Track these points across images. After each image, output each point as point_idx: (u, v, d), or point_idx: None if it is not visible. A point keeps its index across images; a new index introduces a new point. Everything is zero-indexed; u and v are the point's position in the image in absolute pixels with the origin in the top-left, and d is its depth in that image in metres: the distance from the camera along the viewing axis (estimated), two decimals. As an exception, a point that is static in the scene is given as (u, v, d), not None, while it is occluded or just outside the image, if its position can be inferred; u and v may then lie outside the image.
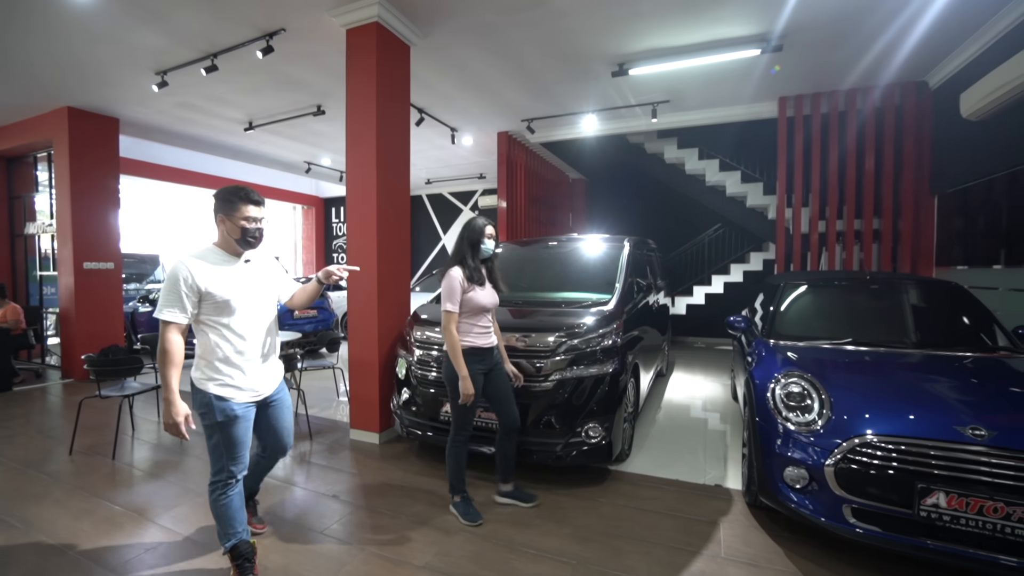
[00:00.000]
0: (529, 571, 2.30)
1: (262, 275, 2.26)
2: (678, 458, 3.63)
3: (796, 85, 5.41)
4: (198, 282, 2.01)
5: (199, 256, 2.08)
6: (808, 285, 3.74)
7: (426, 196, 12.50)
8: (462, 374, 2.60)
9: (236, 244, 2.14)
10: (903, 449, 2.14)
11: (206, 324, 2.09)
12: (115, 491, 3.12)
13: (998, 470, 2.00)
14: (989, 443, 2.04)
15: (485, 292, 2.74)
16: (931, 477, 2.07)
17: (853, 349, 2.98)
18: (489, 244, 2.78)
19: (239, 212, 2.10)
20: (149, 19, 3.93)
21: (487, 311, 2.76)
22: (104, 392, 3.75)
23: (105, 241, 6.18)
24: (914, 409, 2.29)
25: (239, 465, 2.14)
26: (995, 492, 1.97)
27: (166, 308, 1.99)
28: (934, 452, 2.08)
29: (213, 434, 2.09)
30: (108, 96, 5.59)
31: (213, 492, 2.14)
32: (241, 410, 2.12)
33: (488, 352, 2.75)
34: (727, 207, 7.27)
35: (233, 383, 2.10)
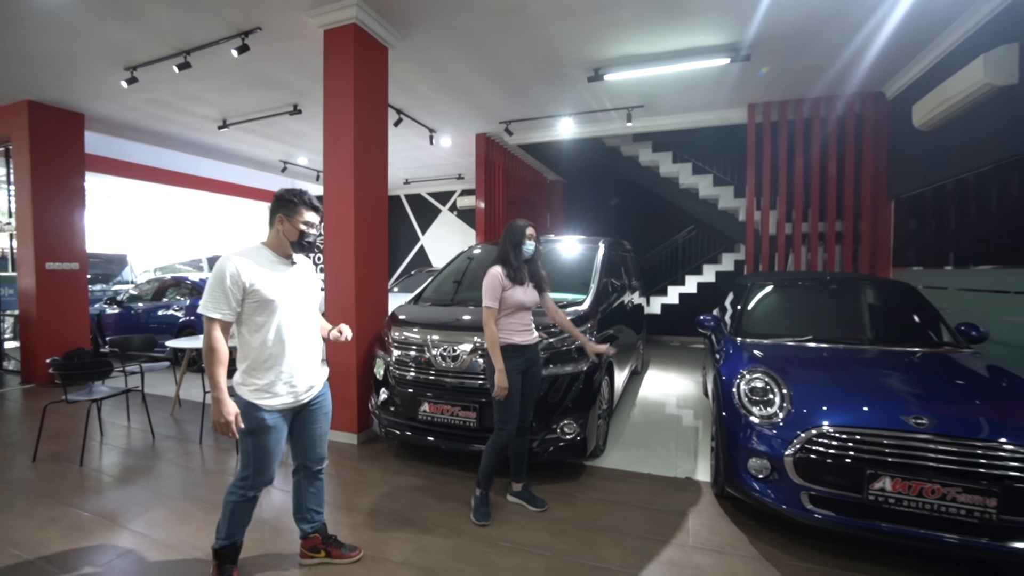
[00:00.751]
0: (506, 564, 2.37)
1: (308, 278, 2.24)
2: (651, 453, 3.75)
3: (765, 93, 5.63)
4: (244, 278, 1.98)
5: (247, 254, 2.05)
6: (773, 285, 3.91)
7: (404, 196, 12.46)
8: (498, 367, 2.66)
9: (290, 246, 2.13)
10: (854, 438, 2.28)
11: (248, 324, 2.05)
12: (84, 498, 3.05)
13: (937, 455, 2.16)
14: (930, 431, 2.20)
15: (525, 291, 2.79)
16: (878, 464, 2.22)
17: (813, 346, 3.15)
18: (530, 244, 2.83)
19: (300, 215, 2.08)
20: (119, 13, 3.85)
21: (526, 309, 2.81)
22: (71, 397, 3.65)
23: (69, 240, 5.98)
24: (865, 401, 2.45)
25: (264, 476, 2.10)
26: (934, 475, 2.13)
27: (211, 304, 1.95)
28: (881, 440, 2.23)
29: (244, 439, 2.06)
30: (73, 90, 5.42)
31: (232, 494, 2.12)
32: (272, 420, 2.07)
33: (526, 349, 2.79)
34: (700, 209, 7.48)
35: (268, 389, 2.05)
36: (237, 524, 2.14)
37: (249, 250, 2.08)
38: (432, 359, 3.40)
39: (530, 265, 2.88)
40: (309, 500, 2.34)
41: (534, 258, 2.89)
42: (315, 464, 2.30)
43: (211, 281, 1.98)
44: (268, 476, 2.12)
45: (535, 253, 2.87)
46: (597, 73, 4.92)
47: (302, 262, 2.25)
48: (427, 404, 3.37)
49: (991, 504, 2.05)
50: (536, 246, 2.87)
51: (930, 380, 2.67)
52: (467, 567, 2.34)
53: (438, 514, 2.85)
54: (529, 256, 2.84)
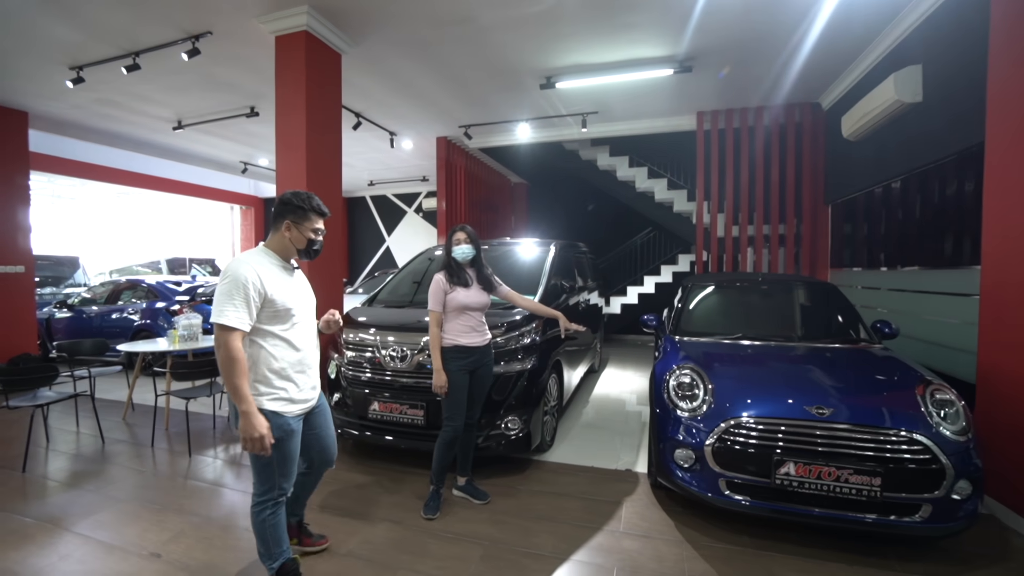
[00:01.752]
0: (445, 552, 2.49)
1: (306, 283, 2.23)
2: (597, 447, 3.94)
3: (711, 101, 5.91)
4: (265, 287, 1.90)
5: (259, 260, 1.97)
6: (710, 286, 4.15)
7: (370, 197, 12.42)
8: (435, 367, 2.79)
9: (297, 253, 2.08)
10: (763, 428, 2.50)
11: (261, 333, 1.97)
12: (25, 503, 3.03)
13: (832, 441, 2.39)
14: (827, 420, 2.43)
15: (469, 292, 2.87)
16: (784, 450, 2.44)
17: (742, 343, 3.38)
18: (463, 248, 2.90)
19: (310, 223, 2.04)
20: (58, 11, 3.80)
21: (470, 310, 2.87)
22: (13, 403, 3.60)
23: (13, 242, 5.81)
24: (778, 394, 2.67)
25: (290, 480, 2.09)
26: (829, 460, 2.36)
27: (231, 313, 1.83)
28: (785, 429, 2.46)
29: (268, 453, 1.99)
30: (14, 88, 5.28)
31: (261, 512, 2.03)
32: (295, 424, 2.06)
33: (472, 351, 2.87)
34: (656, 212, 7.77)
35: (287, 396, 2.02)
36: (280, 538, 2.09)
37: (258, 256, 2.01)
38: (382, 359, 3.49)
39: (475, 267, 2.99)
40: (308, 490, 2.40)
41: (478, 259, 2.99)
42: (331, 464, 2.34)
43: (226, 288, 1.87)
44: (292, 480, 2.11)
45: (477, 254, 2.97)
46: (549, 81, 5.10)
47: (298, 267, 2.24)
48: (377, 403, 3.46)
49: (876, 483, 2.29)
50: (474, 248, 2.94)
51: (838, 373, 2.92)
52: (408, 557, 2.46)
53: (385, 508, 2.95)
54: (466, 259, 2.94)
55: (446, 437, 2.88)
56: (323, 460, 2.30)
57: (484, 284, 2.98)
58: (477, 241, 2.98)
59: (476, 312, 2.93)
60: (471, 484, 3.10)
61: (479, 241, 3.02)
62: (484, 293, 2.96)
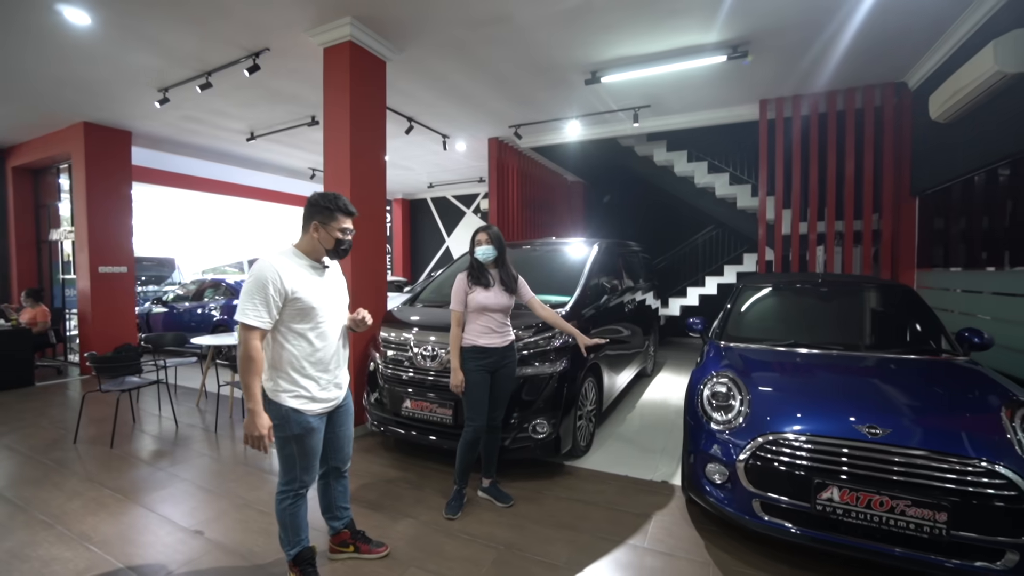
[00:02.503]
0: (457, 553, 2.49)
1: (339, 283, 2.26)
2: (636, 455, 3.76)
3: (775, 88, 5.44)
4: (286, 285, 1.94)
5: (284, 259, 2.02)
6: (764, 288, 3.82)
7: (431, 199, 12.80)
8: (453, 366, 2.84)
9: (326, 253, 2.12)
10: (802, 446, 2.25)
11: (284, 331, 2.02)
12: (108, 475, 3.43)
13: (887, 466, 2.09)
14: (881, 440, 2.14)
15: (489, 294, 2.86)
16: (826, 473, 2.17)
17: (789, 351, 3.07)
18: (484, 249, 2.90)
19: (336, 223, 2.07)
20: (142, 42, 4.26)
21: (489, 311, 2.87)
22: (104, 387, 4.09)
23: (118, 246, 6.63)
24: (823, 408, 2.39)
25: (311, 474, 2.14)
26: (882, 488, 2.07)
27: (251, 312, 1.89)
28: (828, 448, 2.19)
29: (287, 445, 2.06)
30: (119, 111, 6.01)
31: (283, 501, 2.12)
32: (317, 422, 2.10)
33: (491, 352, 2.87)
34: (718, 209, 7.31)
35: (309, 394, 2.06)
36: (299, 527, 2.17)
37: (285, 255, 2.05)
38: (415, 358, 3.57)
39: (498, 268, 2.96)
40: (338, 499, 2.39)
41: (501, 260, 2.96)
42: (344, 464, 2.35)
43: (249, 287, 1.92)
44: (314, 474, 2.17)
45: (499, 256, 2.94)
46: (594, 76, 4.94)
47: (332, 266, 2.26)
48: (409, 401, 3.55)
49: (941, 519, 1.98)
50: (496, 249, 2.91)
51: (903, 388, 2.56)
52: (421, 554, 2.48)
53: (408, 504, 3.01)
54: (487, 260, 2.91)
55: (468, 437, 2.89)
56: (336, 458, 2.32)
57: (507, 286, 2.94)
58: (501, 242, 2.96)
59: (496, 313, 2.90)
60: (495, 486, 3.08)
61: (503, 242, 2.99)
62: (505, 295, 2.93)
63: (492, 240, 2.93)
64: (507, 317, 2.97)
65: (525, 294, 3.01)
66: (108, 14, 3.82)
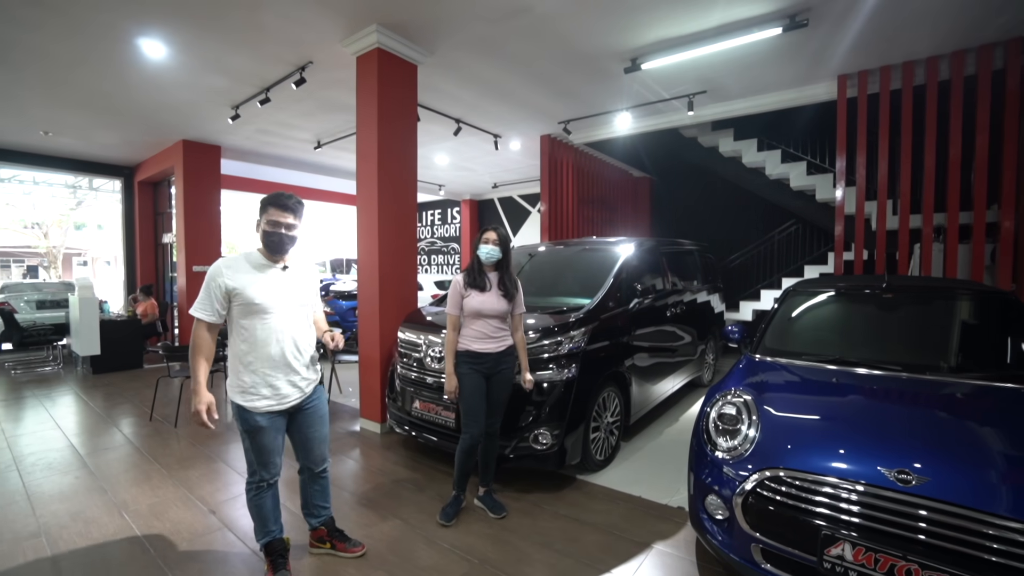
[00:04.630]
0: (428, 562, 2.43)
1: (299, 283, 2.25)
2: (659, 474, 3.44)
3: (856, 60, 4.68)
4: (228, 282, 2.05)
5: (236, 258, 2.13)
6: (816, 293, 3.28)
7: (497, 199, 12.90)
8: (447, 371, 2.79)
9: (265, 248, 2.16)
10: (808, 486, 1.87)
11: (235, 327, 2.11)
12: (164, 452, 3.86)
13: (918, 524, 1.66)
14: (913, 491, 1.71)
15: (484, 297, 2.75)
16: (838, 522, 1.78)
17: (830, 369, 2.60)
18: (487, 248, 2.78)
19: (267, 215, 2.11)
20: (209, 65, 4.74)
21: (483, 316, 2.75)
22: (172, 373, 4.62)
23: (208, 247, 7.48)
24: (843, 442, 1.97)
25: (269, 471, 2.19)
26: (910, 551, 1.65)
27: (197, 304, 2.06)
28: (837, 493, 1.80)
29: (243, 439, 2.18)
30: (207, 128, 6.77)
31: (248, 492, 2.22)
32: (265, 420, 2.12)
33: (484, 357, 2.76)
34: (795, 202, 6.49)
35: (255, 391, 2.10)
36: (266, 518, 2.23)
37: (242, 255, 2.17)
38: (423, 358, 3.57)
39: (499, 271, 2.84)
40: (314, 497, 2.44)
41: (505, 264, 2.84)
42: (316, 466, 2.36)
43: (204, 283, 2.10)
44: (272, 470, 2.19)
45: (502, 259, 2.82)
46: (634, 63, 4.60)
47: (297, 267, 2.26)
48: (418, 401, 3.56)
49: (988, 600, 1.53)
50: (500, 251, 2.79)
51: (967, 424, 2.04)
52: (395, 559, 2.46)
53: (405, 506, 3.01)
54: (489, 260, 2.80)
55: (464, 444, 2.81)
56: (307, 460, 2.35)
57: (505, 291, 2.81)
58: (507, 245, 2.86)
59: (492, 319, 2.79)
60: (490, 495, 2.97)
61: (510, 246, 2.89)
62: (503, 300, 2.80)
63: (499, 241, 2.82)
64: (503, 322, 2.85)
65: (517, 308, 2.88)
66: (179, 42, 4.29)
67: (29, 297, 8.80)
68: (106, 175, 9.06)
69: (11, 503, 3.03)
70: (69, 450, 3.89)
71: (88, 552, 2.52)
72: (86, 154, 8.21)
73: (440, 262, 14.34)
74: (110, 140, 7.35)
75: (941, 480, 1.72)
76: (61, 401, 5.34)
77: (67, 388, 5.92)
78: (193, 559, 2.46)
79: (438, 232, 14.37)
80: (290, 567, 2.28)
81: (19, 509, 2.95)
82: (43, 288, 9.31)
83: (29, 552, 2.51)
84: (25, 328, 7.55)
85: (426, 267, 14.54)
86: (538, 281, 4.39)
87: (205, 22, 3.95)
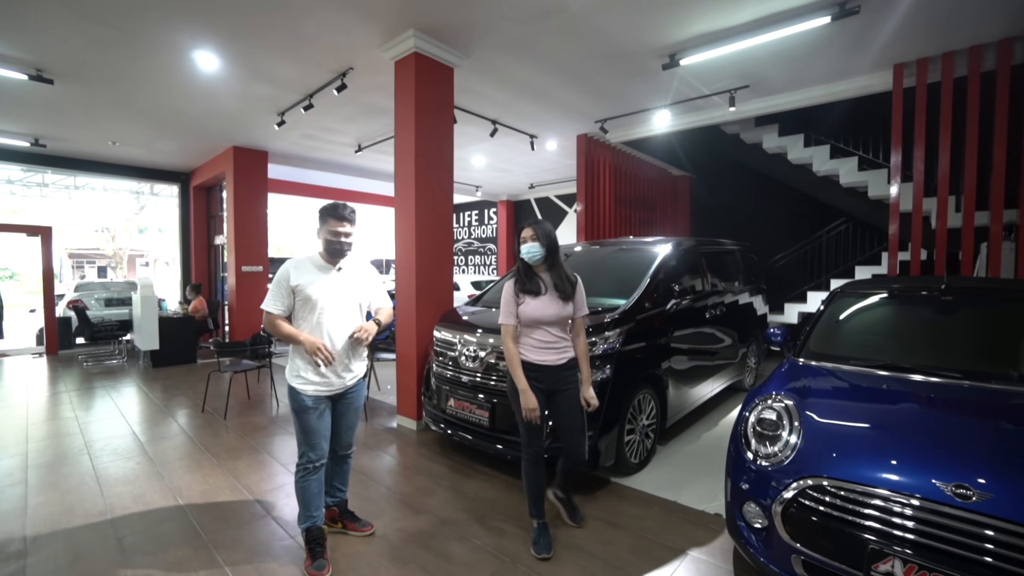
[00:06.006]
0: (459, 558, 2.46)
1: (353, 283, 2.48)
2: (696, 480, 3.36)
3: (914, 47, 4.39)
4: (292, 281, 2.32)
5: (300, 260, 2.42)
6: (866, 294, 3.11)
7: (534, 200, 12.90)
8: (520, 387, 2.44)
9: (326, 253, 2.42)
10: (855, 497, 1.77)
11: (295, 319, 2.39)
12: (215, 443, 4.08)
13: (979, 543, 1.55)
14: (975, 507, 1.59)
15: (538, 302, 2.49)
16: (887, 537, 1.69)
17: (874, 374, 2.45)
18: (529, 247, 2.52)
19: (327, 226, 2.37)
20: (257, 75, 4.98)
21: (541, 324, 2.49)
22: (222, 369, 4.88)
23: (255, 248, 7.85)
24: (892, 453, 1.86)
25: (315, 452, 2.38)
26: (968, 570, 1.54)
27: (269, 301, 2.35)
28: (888, 507, 1.69)
29: (294, 419, 2.40)
30: (255, 135, 7.11)
31: (296, 474, 2.41)
32: (311, 401, 2.35)
33: (542, 370, 2.50)
34: (844, 200, 6.17)
35: (306, 375, 2.36)
36: (309, 503, 2.39)
37: (305, 257, 2.44)
38: (458, 357, 3.62)
39: (550, 271, 2.57)
40: (334, 478, 2.63)
41: (553, 261, 2.56)
42: (343, 449, 2.59)
43: (273, 281, 2.39)
44: (319, 451, 2.39)
45: (549, 256, 2.53)
46: (672, 59, 4.50)
47: (351, 269, 2.49)
48: (453, 400, 3.61)
49: (1059, 628, 1.41)
50: (543, 248, 2.51)
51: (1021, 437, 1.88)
52: (426, 554, 2.50)
53: (438, 501, 3.06)
54: (533, 260, 2.53)
55: (524, 465, 2.56)
56: (336, 444, 2.54)
57: (561, 292, 2.50)
58: (550, 240, 2.54)
59: (552, 327, 2.50)
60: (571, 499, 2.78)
61: (555, 240, 2.57)
62: (559, 303, 2.50)
63: (539, 237, 2.52)
64: (564, 330, 2.55)
65: (579, 309, 2.57)
66: (230, 54, 4.53)
67: (99, 296, 9.51)
68: (165, 181, 9.66)
69: (83, 483, 3.29)
70: (132, 438, 4.18)
71: (147, 531, 2.70)
72: (148, 162, 8.80)
73: (477, 263, 14.48)
74: (169, 148, 7.84)
75: (1007, 497, 1.59)
76: (125, 392, 5.74)
77: (130, 380, 6.36)
78: (239, 543, 2.59)
79: (475, 233, 14.52)
80: (327, 556, 2.37)
81: (89, 490, 3.20)
82: (110, 287, 10.03)
83: (98, 529, 2.72)
84: (95, 324, 8.15)
85: (463, 268, 14.71)
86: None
87: (253, 34, 4.16)
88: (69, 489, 3.21)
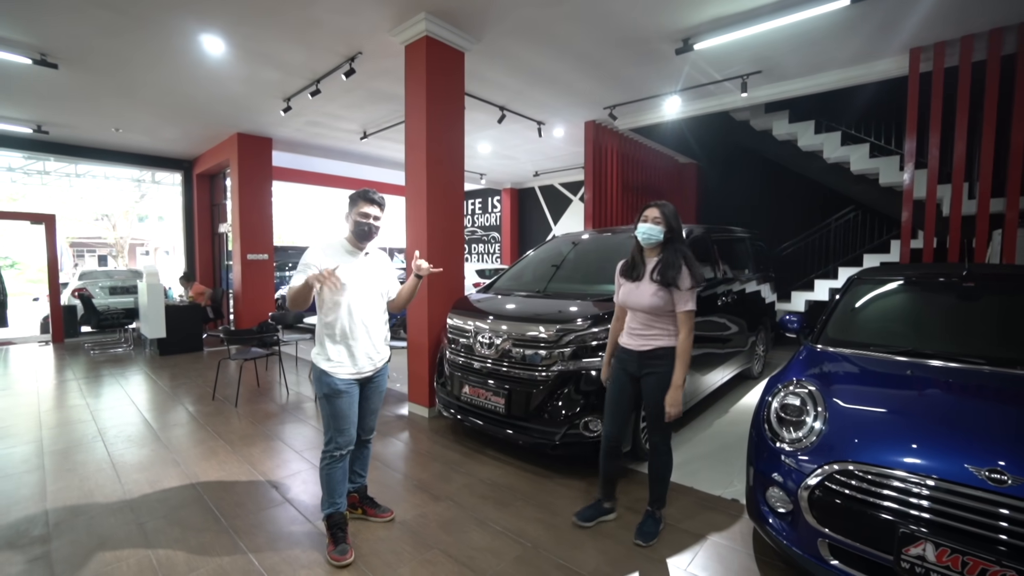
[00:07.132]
0: (483, 543, 2.47)
1: (377, 268, 2.51)
2: (711, 466, 3.37)
3: (932, 30, 4.32)
4: (321, 263, 2.28)
5: (327, 243, 2.42)
6: (885, 280, 3.10)
7: (538, 188, 12.82)
8: (604, 359, 2.68)
9: (354, 236, 2.43)
10: (886, 482, 1.77)
11: (322, 302, 2.38)
12: (227, 429, 4.09)
13: (1015, 527, 1.55)
14: (1010, 491, 1.59)
15: (629, 287, 2.48)
16: (918, 521, 1.69)
17: (898, 360, 2.45)
18: (643, 228, 2.40)
19: (357, 207, 2.39)
20: (263, 59, 4.90)
21: (631, 309, 2.49)
22: (232, 356, 4.88)
23: (260, 236, 7.81)
24: (921, 438, 1.86)
25: (345, 436, 2.38)
26: (1004, 556, 1.54)
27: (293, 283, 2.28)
28: (924, 492, 1.69)
29: (323, 404, 2.39)
30: (260, 121, 7.03)
31: (323, 460, 2.41)
32: (343, 385, 2.35)
33: (626, 352, 2.52)
34: (855, 187, 6.12)
35: (337, 359, 2.36)
36: (333, 489, 2.40)
37: (331, 241, 2.44)
38: (472, 344, 3.61)
39: (662, 257, 2.41)
40: (355, 463, 2.63)
41: (670, 247, 2.40)
42: (365, 434, 2.59)
43: (300, 265, 2.35)
44: (347, 437, 2.39)
45: (668, 242, 2.40)
46: (686, 43, 4.43)
47: (377, 254, 2.54)
48: (468, 387, 3.61)
49: (1094, 609, 1.41)
50: (664, 231, 2.38)
51: (1064, 422, 1.87)
52: (448, 538, 2.51)
53: (455, 487, 3.07)
54: (648, 242, 2.40)
55: (602, 447, 2.63)
56: (360, 428, 2.53)
57: (664, 279, 2.35)
58: (674, 224, 2.41)
59: (640, 313, 2.45)
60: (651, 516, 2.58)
61: (678, 223, 2.43)
62: (654, 291, 2.37)
63: (662, 219, 2.38)
64: (658, 319, 2.42)
65: (679, 303, 2.35)
66: (235, 38, 4.46)
67: (103, 284, 9.48)
68: (168, 168, 9.58)
69: (100, 470, 3.30)
70: (144, 425, 4.19)
71: (167, 516, 2.71)
72: (151, 149, 8.72)
73: (481, 251, 14.44)
74: (173, 135, 7.76)
75: (1039, 481, 1.59)
76: (133, 380, 5.74)
77: (137, 368, 6.36)
78: (259, 529, 2.60)
79: (479, 221, 14.46)
80: (350, 541, 2.38)
81: (107, 476, 3.21)
82: (114, 275, 9.99)
83: (118, 514, 2.73)
84: (101, 312, 8.14)
85: (467, 256, 14.68)
86: (583, 268, 4.35)
87: (260, 17, 4.08)
88: (87, 475, 3.22)
